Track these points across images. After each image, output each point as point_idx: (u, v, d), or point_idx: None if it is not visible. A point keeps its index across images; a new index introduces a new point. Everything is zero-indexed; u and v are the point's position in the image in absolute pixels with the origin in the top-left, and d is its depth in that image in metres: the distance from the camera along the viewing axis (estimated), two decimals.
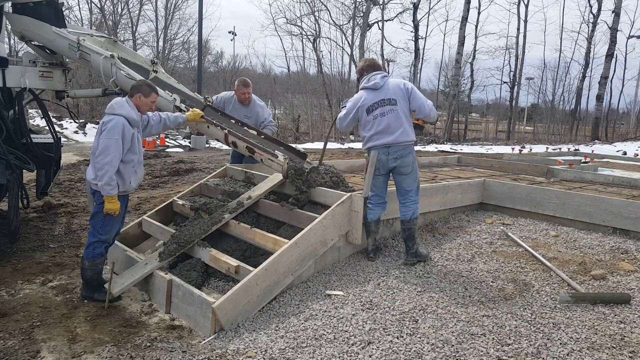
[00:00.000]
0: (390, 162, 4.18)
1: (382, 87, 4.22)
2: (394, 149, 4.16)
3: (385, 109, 4.18)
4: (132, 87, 3.87)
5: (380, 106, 4.19)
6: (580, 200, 5.09)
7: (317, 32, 28.67)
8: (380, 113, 4.19)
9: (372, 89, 4.25)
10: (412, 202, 4.28)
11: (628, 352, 2.82)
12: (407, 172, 4.21)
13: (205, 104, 4.64)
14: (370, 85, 4.26)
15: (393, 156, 4.16)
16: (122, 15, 28.77)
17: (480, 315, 3.28)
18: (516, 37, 28.65)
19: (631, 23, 42.89)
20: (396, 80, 4.32)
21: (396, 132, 4.14)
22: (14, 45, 22.16)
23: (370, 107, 4.23)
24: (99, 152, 3.61)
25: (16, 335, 3.31)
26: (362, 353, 2.89)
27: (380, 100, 4.20)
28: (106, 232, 3.81)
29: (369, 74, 4.32)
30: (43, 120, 6.78)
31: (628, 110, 39.87)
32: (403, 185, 4.27)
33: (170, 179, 9.37)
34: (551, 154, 13.41)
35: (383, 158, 4.17)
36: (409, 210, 4.26)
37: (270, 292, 3.58)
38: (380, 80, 4.24)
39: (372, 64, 4.43)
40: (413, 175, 4.26)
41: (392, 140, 4.14)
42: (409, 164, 4.20)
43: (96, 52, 4.43)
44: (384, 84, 4.24)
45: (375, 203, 4.31)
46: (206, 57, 36.36)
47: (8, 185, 4.68)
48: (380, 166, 4.20)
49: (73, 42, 4.53)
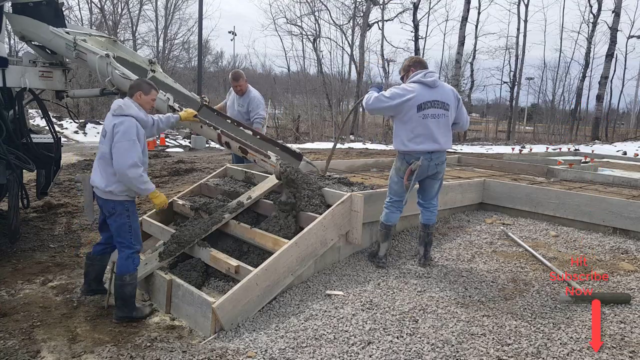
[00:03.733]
0: (431, 169, 3.97)
1: (438, 88, 3.92)
2: (437, 155, 3.94)
3: (439, 112, 3.88)
4: (131, 87, 3.77)
5: (434, 107, 3.86)
6: (580, 200, 5.09)
7: (317, 32, 28.71)
8: (432, 114, 3.86)
9: (428, 85, 3.89)
10: (435, 207, 4.21)
11: (628, 352, 2.82)
12: (440, 177, 4.12)
13: (202, 104, 4.62)
14: (428, 82, 3.88)
15: (435, 162, 3.95)
16: (122, 15, 28.80)
17: (480, 315, 3.28)
18: (516, 37, 28.72)
19: (631, 23, 42.89)
20: (450, 86, 4.12)
21: (444, 139, 3.92)
22: (14, 45, 22.17)
23: (422, 104, 3.84)
24: (119, 156, 3.41)
25: (16, 335, 3.31)
26: (362, 353, 2.89)
27: (435, 101, 3.87)
28: (138, 241, 3.70)
29: (418, 70, 3.98)
30: (43, 120, 6.78)
31: (628, 110, 39.95)
32: (432, 190, 4.14)
33: (170, 179, 9.37)
34: (551, 154, 13.40)
35: (425, 164, 3.91)
36: (433, 215, 4.20)
37: (270, 292, 3.58)
38: (436, 79, 3.94)
39: (421, 61, 4.13)
40: (441, 180, 4.18)
41: (439, 147, 3.91)
42: (443, 170, 4.12)
43: (92, 51, 4.43)
44: (440, 84, 3.96)
45: (398, 207, 4.15)
46: (206, 57, 36.49)
47: (8, 185, 4.69)
48: (422, 172, 3.95)
49: (70, 42, 4.53)
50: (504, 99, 37.34)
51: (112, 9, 28.23)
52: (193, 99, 4.64)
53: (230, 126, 4.61)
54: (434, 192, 4.17)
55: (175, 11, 31.13)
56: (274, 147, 4.57)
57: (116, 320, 3.57)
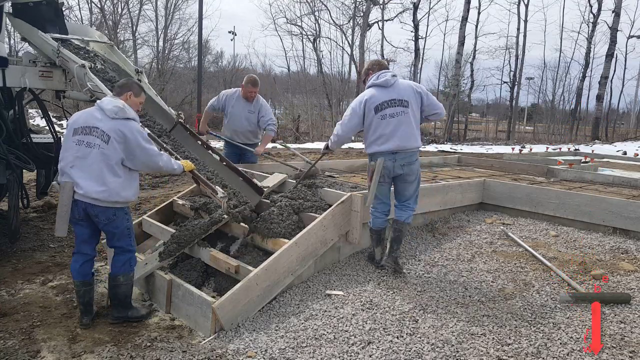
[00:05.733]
0: (397, 170, 3.90)
1: (393, 86, 3.89)
2: (401, 155, 3.86)
3: (397, 110, 3.83)
4: (120, 86, 3.57)
5: (391, 106, 3.84)
6: (580, 200, 5.09)
7: (317, 32, 28.69)
8: (390, 113, 3.83)
9: (382, 86, 3.90)
10: (410, 208, 4.06)
11: (628, 352, 2.82)
12: (411, 180, 3.97)
13: (177, 121, 4.54)
14: (381, 82, 3.90)
15: (400, 163, 3.88)
16: (122, 15, 28.79)
17: (480, 315, 3.28)
18: (516, 37, 28.65)
19: (631, 23, 42.69)
20: (408, 81, 4.06)
21: (405, 137, 3.83)
22: (14, 45, 22.18)
23: (379, 106, 3.85)
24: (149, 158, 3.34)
25: (16, 335, 3.31)
26: (362, 353, 2.89)
27: (392, 100, 3.85)
28: (134, 243, 3.64)
29: (375, 72, 4.00)
30: (43, 120, 6.78)
31: (628, 110, 39.91)
32: (405, 192, 4.03)
33: (170, 179, 9.36)
34: (551, 154, 13.40)
35: (389, 165, 3.87)
36: (405, 213, 4.04)
37: (270, 292, 3.58)
38: (390, 78, 3.90)
39: (379, 63, 4.16)
40: (416, 183, 4.03)
41: (400, 146, 3.83)
42: (414, 172, 3.96)
43: (72, 60, 4.40)
44: (395, 82, 3.91)
45: (382, 211, 4.07)
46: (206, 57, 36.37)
47: (8, 185, 4.69)
48: (386, 173, 3.91)
49: (54, 48, 4.52)
50: (504, 98, 37.36)
51: (112, 9, 28.25)
52: (169, 114, 4.56)
53: (201, 149, 4.49)
54: (408, 195, 4.03)
55: (175, 11, 31.12)
56: (237, 178, 4.41)
57: (113, 320, 3.54)
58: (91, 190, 3.24)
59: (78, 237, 3.50)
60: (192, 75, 29.94)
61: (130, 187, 3.40)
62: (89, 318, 3.51)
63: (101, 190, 3.25)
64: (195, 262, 4.10)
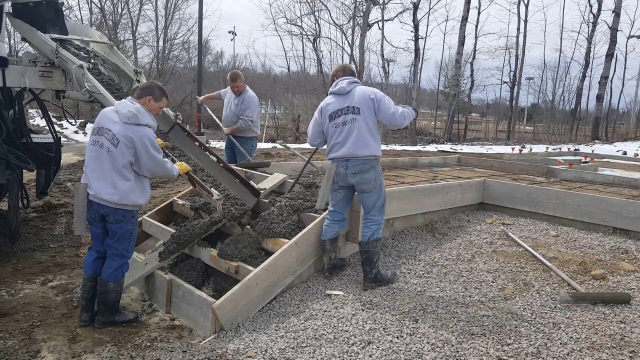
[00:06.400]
0: (349, 177, 3.80)
1: (348, 94, 3.83)
2: (353, 162, 3.77)
3: (347, 118, 3.78)
4: (142, 88, 3.54)
5: (343, 114, 3.79)
6: (580, 200, 5.09)
7: (317, 32, 28.71)
8: (342, 122, 3.79)
9: (337, 94, 3.87)
10: (373, 223, 3.87)
11: (628, 352, 2.82)
12: (367, 189, 3.82)
13: (175, 122, 4.54)
14: (336, 90, 3.88)
15: (352, 171, 3.77)
16: (122, 15, 28.79)
17: (480, 315, 3.28)
18: (516, 37, 28.66)
19: (631, 23, 42.86)
20: (365, 88, 3.90)
21: (356, 145, 3.74)
22: (14, 45, 22.19)
23: (333, 114, 3.84)
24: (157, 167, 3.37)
25: (16, 335, 3.31)
26: (362, 353, 2.89)
27: (345, 108, 3.80)
28: (132, 251, 3.60)
29: (339, 78, 3.95)
30: (43, 120, 6.78)
31: (628, 110, 39.92)
32: (365, 203, 3.91)
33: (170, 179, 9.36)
34: (551, 154, 13.39)
35: (342, 171, 3.81)
36: (368, 231, 3.85)
37: (270, 292, 3.58)
38: (347, 85, 3.84)
39: (344, 68, 4.04)
40: (376, 193, 3.86)
41: (351, 153, 3.75)
42: (369, 181, 3.79)
43: (70, 60, 4.40)
44: (351, 90, 3.84)
45: (333, 220, 3.93)
46: (206, 57, 36.42)
47: (8, 185, 4.69)
48: (339, 179, 3.84)
49: (53, 49, 4.52)
50: (504, 98, 37.37)
51: (112, 9, 28.24)
52: (167, 115, 4.56)
53: (197, 150, 4.48)
54: (368, 205, 3.89)
55: (175, 11, 31.12)
56: (234, 180, 4.41)
57: (99, 325, 3.48)
58: (102, 191, 3.30)
59: (93, 236, 3.58)
60: (192, 75, 29.91)
61: (140, 190, 3.40)
62: (89, 315, 3.51)
63: (111, 192, 3.29)
64: (195, 262, 4.10)
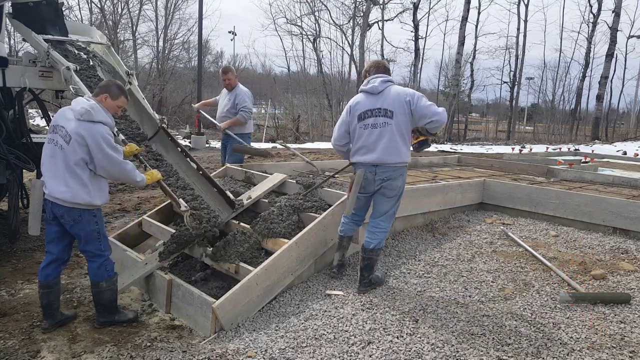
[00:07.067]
0: (377, 184, 3.66)
1: (381, 94, 3.63)
2: (382, 169, 3.61)
3: (379, 121, 3.58)
4: (100, 86, 3.46)
5: (374, 115, 3.60)
6: (580, 200, 5.09)
7: (317, 32, 28.68)
8: (372, 124, 3.60)
9: (369, 92, 3.67)
10: (381, 231, 3.73)
11: (628, 352, 2.82)
12: (390, 195, 3.68)
13: (160, 126, 4.52)
14: (368, 89, 3.68)
15: (380, 177, 3.62)
16: (122, 15, 28.73)
17: (480, 315, 3.28)
18: (516, 37, 28.64)
19: (631, 23, 42.97)
20: (400, 89, 3.66)
21: (387, 151, 3.56)
22: (14, 45, 22.19)
23: (363, 114, 3.65)
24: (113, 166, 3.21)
25: (16, 335, 3.31)
26: (362, 353, 2.89)
27: (376, 109, 3.61)
28: (108, 247, 3.47)
29: (372, 75, 3.76)
30: (43, 120, 6.78)
31: (628, 110, 39.91)
32: (380, 207, 3.74)
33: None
34: (551, 154, 13.38)
35: (370, 177, 3.65)
36: (375, 238, 3.71)
37: (270, 292, 3.58)
38: (379, 84, 3.64)
39: (378, 65, 3.82)
40: (395, 200, 3.73)
41: (380, 160, 3.59)
42: (395, 188, 3.66)
43: (60, 62, 4.41)
44: (385, 89, 3.64)
45: (352, 219, 3.88)
46: (206, 57, 36.38)
47: (8, 185, 4.69)
48: (366, 185, 3.69)
49: (45, 50, 4.52)
50: (504, 98, 37.36)
51: (112, 9, 28.22)
52: (153, 119, 4.55)
53: (179, 155, 4.48)
54: (381, 211, 3.73)
55: (175, 11, 31.06)
56: (211, 189, 4.38)
57: (98, 325, 3.45)
58: (55, 190, 3.21)
59: (47, 236, 3.42)
60: (192, 75, 29.87)
61: (96, 190, 3.26)
62: (49, 322, 3.40)
63: (64, 190, 3.19)
64: (195, 262, 4.10)
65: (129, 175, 3.34)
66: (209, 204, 4.16)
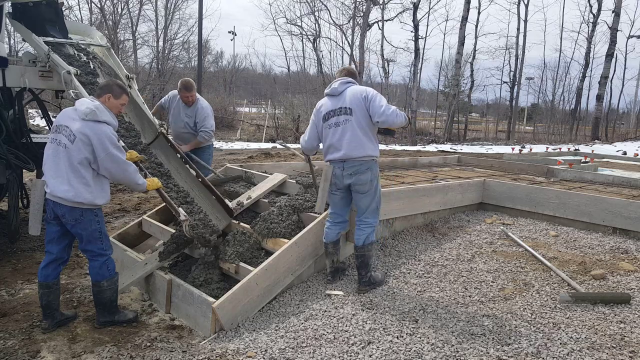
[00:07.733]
0: (346, 179, 3.76)
1: (342, 94, 3.81)
2: (349, 164, 3.73)
3: (340, 119, 3.75)
4: (100, 87, 3.50)
5: (336, 115, 3.77)
6: (580, 200, 5.09)
7: (317, 32, 28.73)
8: (335, 122, 3.77)
9: (331, 95, 3.87)
10: (367, 225, 3.82)
11: (628, 352, 2.82)
12: (363, 190, 3.77)
13: (159, 132, 4.50)
14: (329, 91, 3.88)
15: (348, 172, 3.74)
16: (122, 15, 28.74)
17: (480, 315, 3.28)
18: (516, 37, 28.62)
19: (631, 23, 42.91)
20: (358, 88, 3.83)
21: (351, 146, 3.70)
22: (14, 45, 22.19)
23: (326, 115, 3.82)
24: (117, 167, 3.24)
25: (16, 335, 3.31)
26: (362, 353, 2.89)
27: (337, 109, 3.78)
28: (109, 246, 3.48)
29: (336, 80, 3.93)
30: (43, 120, 6.78)
31: (628, 110, 39.91)
32: (359, 204, 3.84)
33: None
34: (551, 154, 13.38)
35: (338, 173, 3.78)
36: (362, 234, 3.80)
37: (270, 292, 3.58)
38: (339, 86, 3.82)
39: (341, 70, 4.04)
40: (371, 195, 3.81)
41: (347, 155, 3.72)
42: (365, 182, 3.75)
43: (60, 65, 4.41)
44: (343, 90, 3.81)
45: (333, 222, 3.92)
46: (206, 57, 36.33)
47: (8, 185, 4.69)
48: (337, 181, 3.81)
49: (45, 52, 4.51)
50: (504, 99, 37.31)
51: (112, 9, 28.22)
52: (153, 124, 4.53)
53: (178, 162, 4.47)
54: (362, 207, 3.83)
55: (175, 11, 31.07)
56: (210, 197, 4.39)
57: (98, 325, 3.47)
58: (57, 189, 3.21)
59: (47, 236, 3.42)
60: (192, 75, 29.78)
61: (98, 190, 3.28)
62: (49, 322, 3.41)
63: (66, 189, 3.20)
64: (195, 262, 4.09)
65: (130, 177, 3.35)
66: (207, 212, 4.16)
